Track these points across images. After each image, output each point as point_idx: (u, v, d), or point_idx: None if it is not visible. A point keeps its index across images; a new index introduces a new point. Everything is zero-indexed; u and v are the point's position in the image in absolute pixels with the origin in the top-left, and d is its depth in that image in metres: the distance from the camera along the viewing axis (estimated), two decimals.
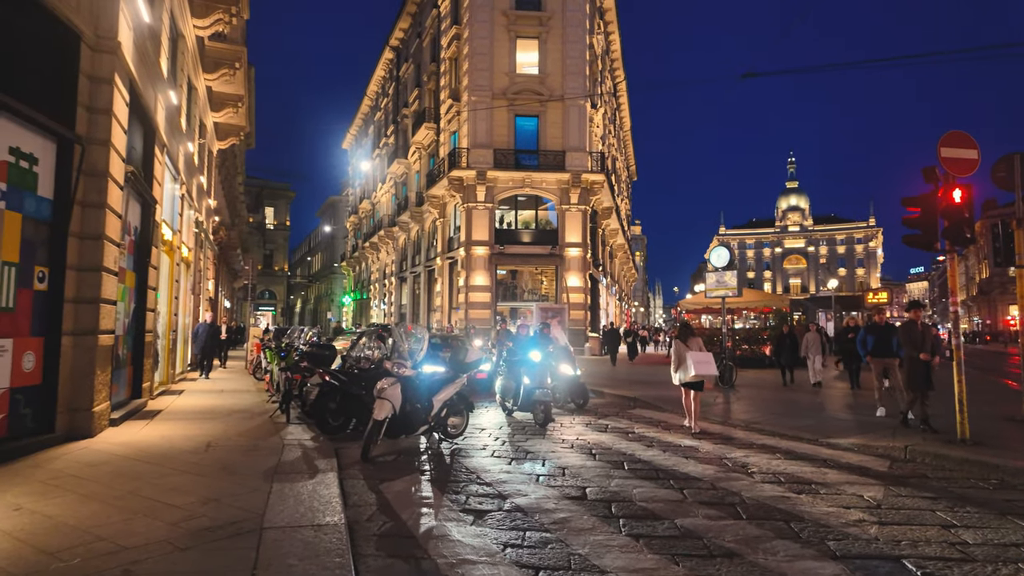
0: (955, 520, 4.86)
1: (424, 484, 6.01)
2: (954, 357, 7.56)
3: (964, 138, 7.78)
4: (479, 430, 8.86)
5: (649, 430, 9.01)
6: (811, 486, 5.87)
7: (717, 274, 15.30)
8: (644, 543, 4.33)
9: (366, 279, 54.58)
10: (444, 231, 32.07)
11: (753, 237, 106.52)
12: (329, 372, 8.66)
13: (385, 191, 45.44)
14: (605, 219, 35.17)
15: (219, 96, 17.67)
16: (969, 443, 7.27)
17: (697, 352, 8.77)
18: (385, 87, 47.11)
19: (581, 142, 28.55)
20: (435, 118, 33.44)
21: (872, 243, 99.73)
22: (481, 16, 28.52)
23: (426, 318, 34.51)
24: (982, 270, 71.51)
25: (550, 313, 23.22)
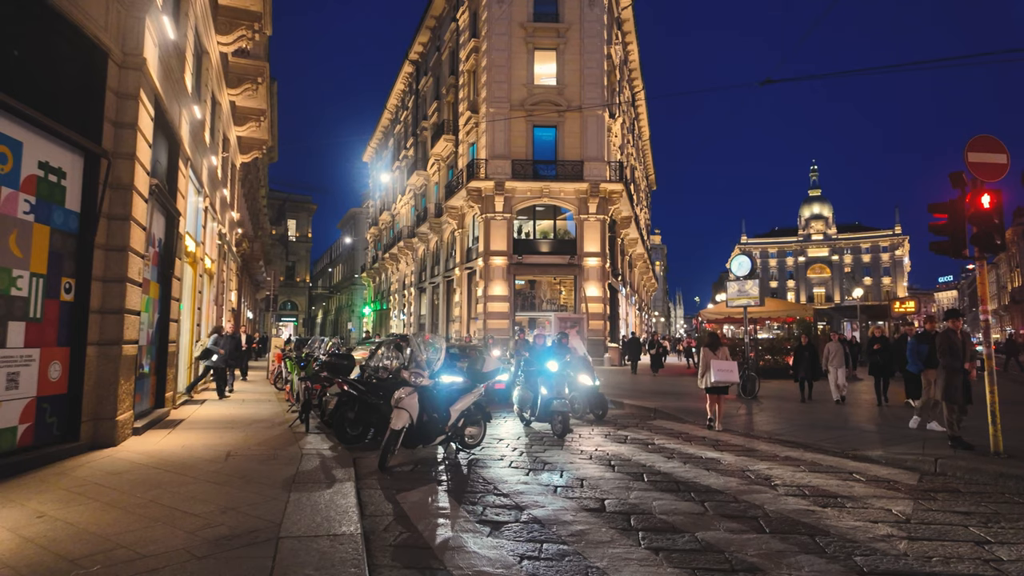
0: (989, 536, 4.68)
1: (441, 494, 5.97)
2: (985, 367, 7.33)
3: (993, 142, 7.59)
4: (496, 440, 8.80)
5: (670, 441, 8.87)
6: (837, 499, 5.71)
7: (739, 283, 15.09)
8: (664, 557, 4.24)
9: (386, 290, 54.96)
10: (463, 242, 32.19)
11: (776, 246, 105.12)
12: (347, 382, 8.70)
13: (404, 203, 45.83)
14: (624, 228, 35.02)
15: (242, 110, 18.03)
16: (1003, 456, 7.02)
17: (721, 361, 9.71)
18: (405, 100, 47.66)
19: (599, 152, 28.52)
20: (454, 130, 33.71)
21: (898, 251, 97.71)
22: (499, 29, 28.76)
23: (445, 328, 34.58)
24: (1014, 278, 69.61)
25: (568, 323, 23.11)
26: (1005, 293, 73.34)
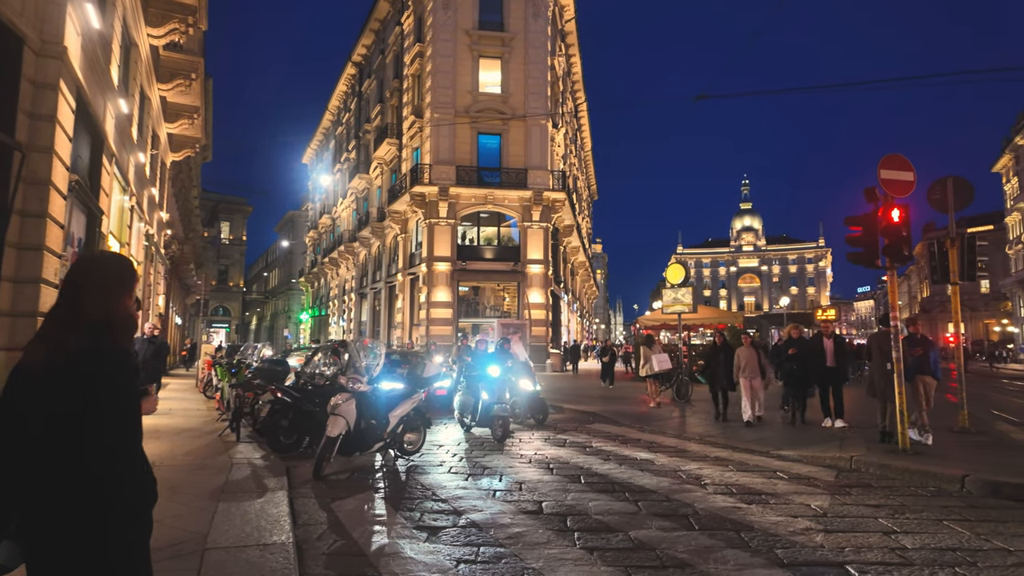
0: (896, 527, 5.03)
1: (378, 502, 5.89)
2: (895, 370, 7.87)
3: (901, 161, 8.21)
4: (436, 446, 8.75)
5: (607, 444, 9.06)
6: (761, 496, 6.00)
7: (674, 291, 15.61)
8: (598, 556, 4.33)
9: (325, 295, 53.65)
10: (406, 247, 31.86)
11: (709, 256, 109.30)
12: (281, 389, 8.46)
13: (346, 206, 44.96)
14: (567, 237, 35.56)
15: (174, 107, 17.26)
16: (910, 453, 7.56)
17: (659, 353, 13.50)
18: (347, 102, 46.85)
19: (543, 160, 28.90)
20: (397, 134, 33.38)
21: (822, 263, 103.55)
22: (444, 35, 28.75)
23: (387, 334, 34.07)
24: (923, 289, 74.99)
25: (511, 329, 23.23)
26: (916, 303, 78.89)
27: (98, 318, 1.74)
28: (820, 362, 10.15)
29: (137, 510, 1.72)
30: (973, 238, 10.01)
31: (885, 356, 8.17)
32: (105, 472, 1.64)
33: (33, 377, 1.67)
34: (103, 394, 1.66)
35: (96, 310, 1.75)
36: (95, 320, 1.74)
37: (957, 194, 9.75)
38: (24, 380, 1.68)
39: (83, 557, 1.62)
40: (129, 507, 1.69)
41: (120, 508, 1.67)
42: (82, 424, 1.63)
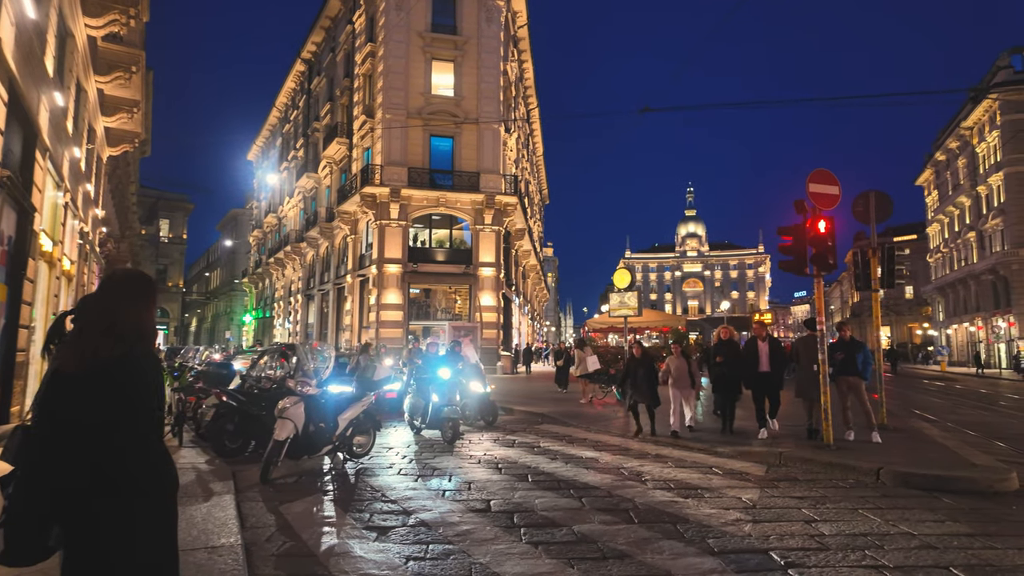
0: (816, 516, 5.44)
1: (327, 504, 5.92)
2: (820, 371, 8.42)
3: (828, 175, 8.80)
4: (386, 449, 8.80)
5: (554, 444, 9.31)
6: (697, 491, 6.35)
7: (621, 295, 16.08)
8: (543, 549, 4.54)
9: (270, 296, 52.23)
10: (355, 248, 31.46)
11: (655, 261, 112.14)
12: (226, 392, 8.33)
13: (293, 205, 43.96)
14: (518, 240, 35.88)
15: (112, 100, 16.55)
16: (833, 448, 8.11)
17: (590, 356, 15.09)
18: (295, 99, 45.84)
19: (495, 164, 29.11)
20: (348, 133, 32.93)
21: (761, 268, 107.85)
22: (397, 36, 28.60)
23: (334, 337, 33.50)
24: (853, 295, 79.21)
25: (462, 331, 23.32)
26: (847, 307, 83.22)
27: (132, 329, 1.99)
28: (753, 367, 9.30)
29: (166, 494, 1.98)
30: (893, 248, 10.78)
31: (811, 358, 8.73)
32: (140, 462, 1.90)
33: (73, 380, 1.90)
34: (142, 394, 1.93)
35: (130, 321, 2.00)
36: (129, 330, 1.98)
37: (878, 207, 10.51)
38: (65, 383, 1.91)
39: (122, 537, 1.85)
40: (160, 492, 1.95)
41: (152, 493, 1.92)
42: (121, 420, 1.89)
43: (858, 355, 9.10)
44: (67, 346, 1.98)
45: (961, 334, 50.27)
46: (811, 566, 4.21)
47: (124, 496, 1.87)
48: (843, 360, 9.00)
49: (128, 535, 1.87)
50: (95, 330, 1.97)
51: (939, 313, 56.42)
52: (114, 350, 1.93)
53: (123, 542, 1.86)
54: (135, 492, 1.89)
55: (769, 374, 9.28)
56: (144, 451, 1.93)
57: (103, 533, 1.85)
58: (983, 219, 44.62)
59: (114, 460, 1.87)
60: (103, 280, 2.17)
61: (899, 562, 4.28)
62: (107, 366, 1.91)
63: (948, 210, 52.15)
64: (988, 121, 43.53)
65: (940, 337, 55.02)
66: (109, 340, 1.94)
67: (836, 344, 9.27)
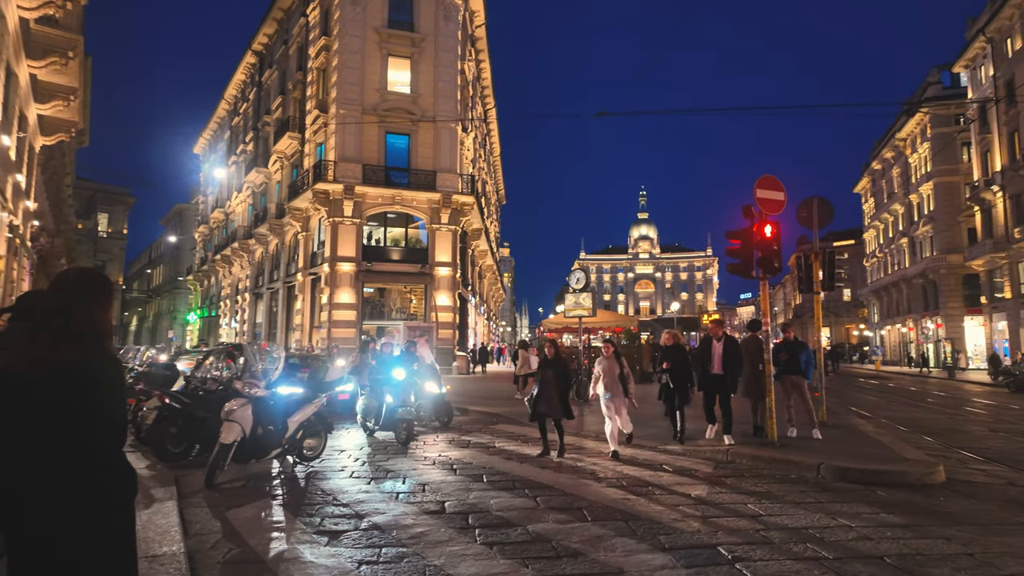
0: (761, 511, 5.63)
1: (276, 508, 5.77)
2: (766, 371, 8.72)
3: (774, 181, 9.12)
4: (338, 451, 8.63)
5: (510, 444, 9.33)
6: (648, 488, 6.48)
7: (575, 296, 16.27)
8: (497, 550, 4.54)
9: (216, 295, 50.48)
10: (307, 246, 30.74)
11: (609, 262, 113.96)
12: (169, 394, 8.01)
13: (241, 201, 42.62)
14: (475, 240, 35.80)
15: (47, 86, 15.65)
16: (777, 445, 8.41)
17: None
18: (245, 92, 44.45)
19: (452, 163, 28.96)
20: (300, 128, 32.16)
21: (709, 271, 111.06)
22: (352, 31, 28.10)
23: (284, 337, 32.65)
24: (796, 297, 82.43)
25: (418, 331, 23.07)
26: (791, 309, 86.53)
27: (88, 329, 1.92)
28: (704, 368, 8.88)
29: (124, 500, 1.91)
30: (833, 252, 11.29)
31: (756, 359, 9.04)
32: (99, 465, 1.83)
33: (26, 381, 1.80)
34: (101, 395, 1.85)
35: (89, 321, 1.93)
36: (86, 330, 1.91)
37: (821, 213, 10.98)
38: (15, 384, 1.82)
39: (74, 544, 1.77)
40: (117, 497, 1.88)
41: (110, 498, 1.85)
42: (82, 423, 1.81)
43: (801, 355, 9.47)
44: (19, 346, 1.89)
45: (894, 335, 53.01)
46: (757, 560, 4.35)
47: (83, 503, 1.79)
48: (787, 360, 9.35)
49: (86, 545, 1.79)
50: (53, 330, 1.89)
51: (874, 315, 59.36)
52: (76, 351, 1.86)
53: (82, 553, 1.79)
54: (95, 498, 1.81)
55: (722, 377, 8.71)
56: (104, 453, 1.86)
57: (56, 543, 1.76)
58: (914, 226, 47.17)
59: (69, 463, 1.79)
60: (58, 278, 2.07)
61: (838, 553, 4.47)
62: (68, 367, 1.83)
63: (883, 217, 54.91)
64: (920, 133, 46.05)
65: (875, 338, 57.87)
66: (69, 340, 1.87)
67: (780, 345, 9.61)
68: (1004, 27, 33.50)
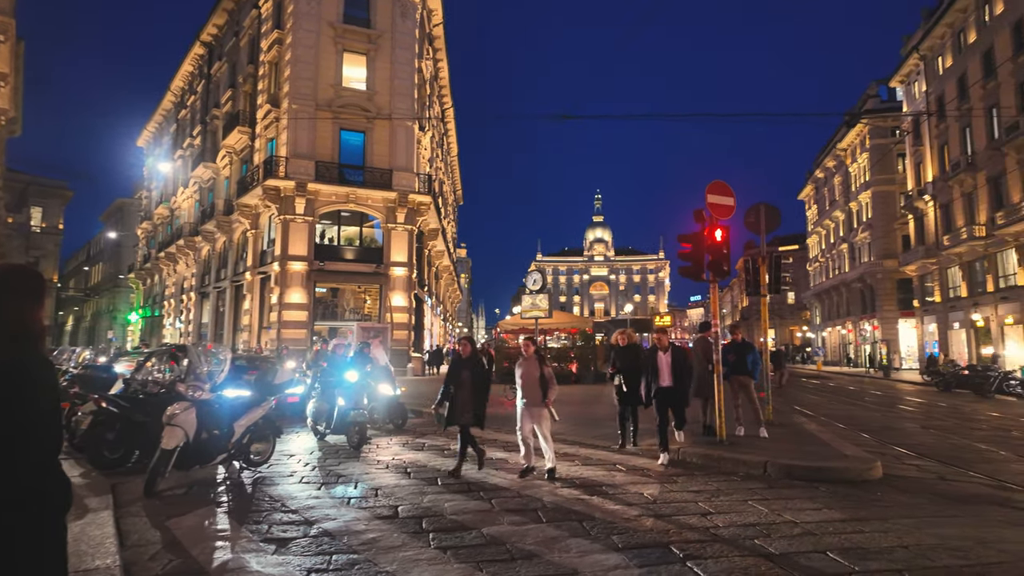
0: (711, 508, 5.76)
1: (220, 516, 5.55)
2: (715, 371, 8.95)
3: (724, 187, 9.37)
4: (287, 456, 8.39)
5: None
6: (602, 488, 6.54)
7: (532, 297, 16.35)
8: (452, 554, 4.48)
9: (159, 294, 48.47)
10: (256, 244, 29.84)
11: (565, 264, 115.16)
12: (106, 398, 7.60)
13: (187, 196, 41.06)
14: (431, 240, 35.51)
15: None
16: (726, 444, 8.64)
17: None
18: (193, 84, 42.85)
19: (409, 162, 28.63)
20: (250, 122, 31.20)
21: (661, 273, 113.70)
22: (306, 25, 27.46)
23: (231, 338, 31.60)
24: (743, 299, 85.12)
25: (372, 332, 22.73)
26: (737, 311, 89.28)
27: (19, 329, 1.82)
28: (653, 382, 8.08)
29: (60, 507, 1.82)
30: (779, 257, 11.69)
31: (706, 359, 9.27)
32: (35, 471, 1.73)
33: None
34: (37, 396, 1.76)
35: (16, 321, 1.83)
36: (16, 330, 1.81)
37: (768, 218, 11.34)
38: None
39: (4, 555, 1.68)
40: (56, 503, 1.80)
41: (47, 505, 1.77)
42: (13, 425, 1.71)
43: (748, 356, 9.76)
44: None
45: (834, 336, 55.36)
46: (707, 557, 4.44)
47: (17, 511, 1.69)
48: (735, 361, 9.61)
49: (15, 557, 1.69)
50: None
51: (816, 317, 61.85)
52: (9, 352, 1.76)
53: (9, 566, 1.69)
54: (31, 506, 1.71)
55: (672, 389, 8.01)
56: (39, 458, 1.76)
57: None
58: (854, 232, 49.40)
59: (9, 470, 1.69)
60: None
61: (784, 549, 4.61)
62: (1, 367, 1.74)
63: (825, 223, 57.27)
64: (859, 144, 48.26)
65: (817, 339, 60.31)
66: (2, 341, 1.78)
67: (728, 346, 9.88)
68: (936, 46, 35.49)
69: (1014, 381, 20.46)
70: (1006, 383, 20.49)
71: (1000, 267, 29.47)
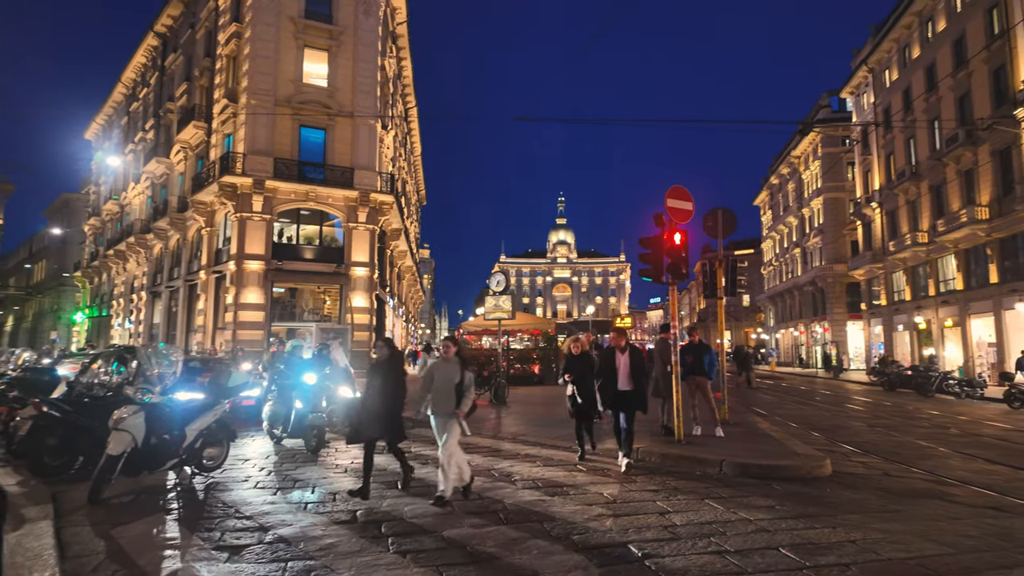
0: (669, 507, 5.86)
1: (170, 524, 5.35)
2: (673, 372, 9.10)
3: (683, 192, 9.55)
4: (242, 461, 8.15)
5: (425, 448, 9.19)
6: (563, 488, 6.58)
7: (495, 298, 16.32)
8: (411, 558, 4.43)
9: (107, 293, 46.54)
10: (211, 242, 28.96)
11: (528, 266, 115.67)
12: (48, 402, 7.25)
13: (139, 192, 39.56)
14: (394, 240, 35.11)
15: None
16: (684, 443, 8.80)
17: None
18: (146, 76, 41.34)
19: (371, 161, 28.26)
20: (207, 117, 30.27)
21: (622, 276, 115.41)
22: (266, 19, 26.82)
23: (184, 339, 30.59)
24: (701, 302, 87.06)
25: (331, 334, 22.35)
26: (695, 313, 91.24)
27: None
28: (610, 384, 7.69)
29: None
30: (736, 260, 11.97)
31: (665, 360, 9.43)
32: None
33: None
34: None
35: None
36: None
37: (725, 223, 11.61)
38: None
39: None
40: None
41: None
42: None
43: (705, 357, 9.96)
44: None
45: (787, 338, 57.10)
46: (665, 556, 4.51)
47: None
48: (692, 362, 9.80)
49: None
50: None
51: (770, 319, 63.70)
52: None
53: None
54: None
55: (630, 393, 7.63)
56: None
57: None
58: (806, 237, 51.07)
59: None
60: None
61: (738, 546, 4.72)
62: None
63: (779, 228, 59.06)
64: (812, 152, 49.94)
65: (771, 341, 62.11)
66: None
67: (686, 347, 10.07)
68: (883, 59, 37.03)
69: (952, 381, 21.48)
70: (945, 383, 21.50)
71: (941, 272, 30.91)
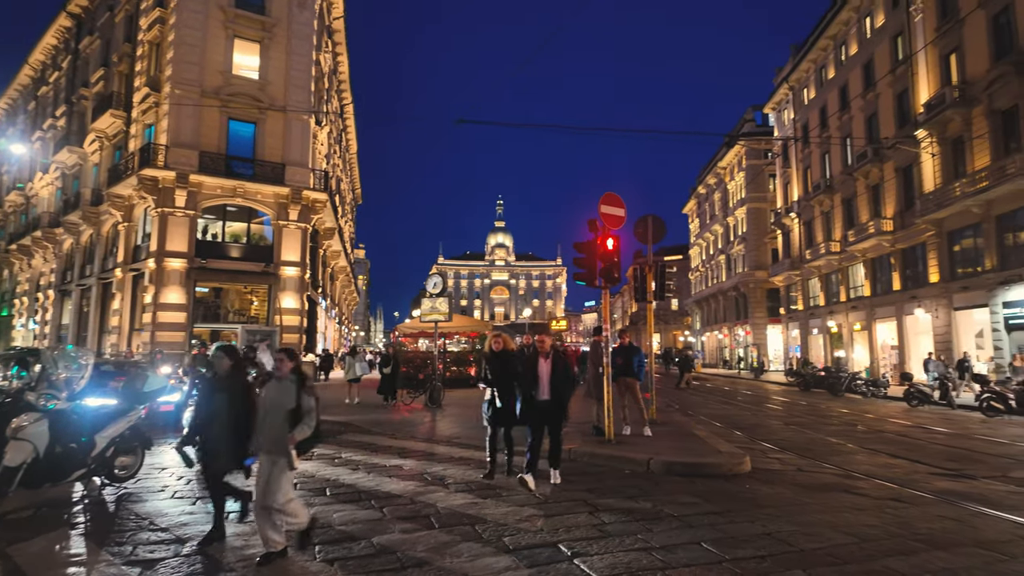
0: (600, 506, 5.99)
1: (75, 539, 5.01)
2: (605, 372, 9.33)
3: (616, 198, 9.81)
4: (159, 470, 7.72)
5: (357, 454, 9.00)
6: (495, 490, 6.60)
7: (432, 300, 16.19)
8: (339, 566, 4.34)
9: (9, 291, 42.96)
10: (129, 238, 27.28)
11: (467, 268, 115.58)
12: None
13: (47, 183, 36.77)
14: (327, 240, 34.21)
15: None
16: (614, 442, 9.03)
17: (359, 363, 17.18)
18: (57, 59, 38.51)
19: (303, 157, 27.43)
20: (126, 106, 28.52)
21: (559, 279, 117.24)
22: (193, 6, 25.55)
23: (97, 341, 28.64)
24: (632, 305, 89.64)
25: (259, 336, 21.53)
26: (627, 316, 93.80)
27: None
28: (530, 392, 6.82)
29: None
30: (664, 266, 12.40)
31: (597, 362, 9.65)
32: None
33: None
34: None
35: None
36: None
37: (655, 229, 12.02)
38: None
39: None
40: None
41: None
42: None
43: (634, 359, 10.26)
44: None
45: (712, 340, 59.63)
46: (593, 554, 4.61)
47: None
48: (622, 363, 10.08)
49: None
50: None
51: (696, 322, 66.33)
52: None
53: None
54: None
55: (549, 403, 6.80)
56: None
57: None
58: (730, 244, 53.55)
59: None
60: None
61: (664, 542, 4.89)
62: None
63: (706, 236, 61.64)
64: (737, 164, 52.44)
65: (697, 343, 64.65)
66: None
67: (617, 349, 10.34)
68: (802, 78, 39.38)
69: (860, 381, 23.05)
70: (854, 383, 23.04)
71: (851, 279, 33.14)
